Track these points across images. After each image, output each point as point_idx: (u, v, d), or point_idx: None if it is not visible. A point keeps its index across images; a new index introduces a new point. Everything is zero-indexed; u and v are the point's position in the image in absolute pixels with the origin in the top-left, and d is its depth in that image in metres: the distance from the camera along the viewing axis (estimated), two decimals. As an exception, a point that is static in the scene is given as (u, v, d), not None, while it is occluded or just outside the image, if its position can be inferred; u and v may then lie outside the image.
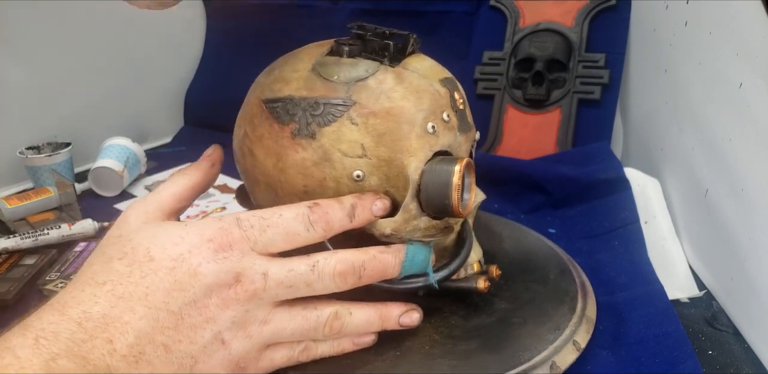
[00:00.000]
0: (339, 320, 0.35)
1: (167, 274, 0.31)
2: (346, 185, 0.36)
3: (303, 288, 0.34)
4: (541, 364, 0.37)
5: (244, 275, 0.32)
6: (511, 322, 0.42)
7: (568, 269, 0.49)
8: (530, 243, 0.54)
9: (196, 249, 0.32)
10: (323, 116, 0.36)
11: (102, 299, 0.30)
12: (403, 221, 0.37)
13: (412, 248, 0.37)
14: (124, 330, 0.29)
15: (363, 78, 0.37)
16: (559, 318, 0.42)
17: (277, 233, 0.33)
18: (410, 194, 0.36)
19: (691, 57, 0.57)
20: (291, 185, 0.37)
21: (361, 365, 0.37)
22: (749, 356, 0.43)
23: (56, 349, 0.27)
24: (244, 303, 0.32)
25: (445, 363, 0.37)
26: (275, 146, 0.37)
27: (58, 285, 0.50)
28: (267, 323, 0.33)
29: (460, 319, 0.42)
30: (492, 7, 0.86)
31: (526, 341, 0.39)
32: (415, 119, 0.36)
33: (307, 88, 0.37)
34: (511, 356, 0.37)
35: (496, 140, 0.82)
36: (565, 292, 0.45)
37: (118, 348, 0.29)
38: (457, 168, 0.36)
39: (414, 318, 0.38)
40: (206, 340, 0.32)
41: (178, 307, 0.31)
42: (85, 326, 0.29)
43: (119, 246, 0.33)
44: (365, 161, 0.36)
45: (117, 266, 0.32)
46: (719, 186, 0.50)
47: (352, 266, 0.34)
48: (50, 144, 0.83)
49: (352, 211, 0.35)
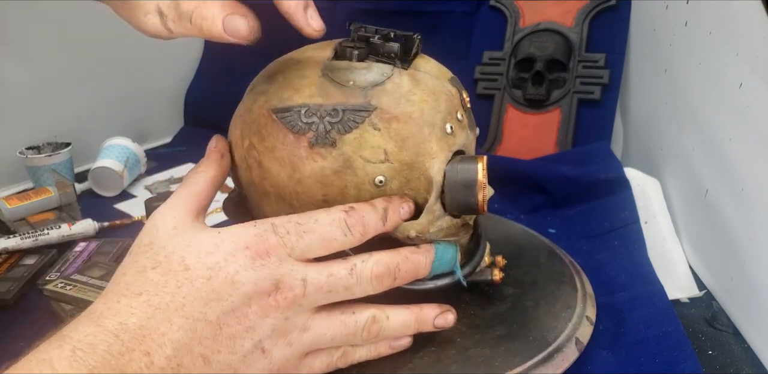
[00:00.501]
0: (377, 324, 0.35)
1: (204, 283, 0.31)
2: (367, 191, 0.36)
3: (342, 292, 0.33)
4: (566, 342, 0.39)
5: (282, 282, 0.32)
6: (525, 306, 0.44)
7: (554, 251, 0.52)
8: (509, 229, 0.57)
9: (232, 257, 0.31)
10: (343, 123, 0.35)
11: (138, 310, 0.29)
12: (427, 223, 0.37)
13: (440, 248, 0.37)
14: (162, 342, 0.29)
15: (380, 82, 0.36)
16: (566, 296, 0.45)
17: (315, 239, 0.33)
18: (434, 196, 0.37)
19: (691, 57, 0.57)
20: (309, 196, 0.36)
21: (401, 365, 0.38)
22: (749, 356, 0.43)
23: (93, 362, 0.27)
24: (284, 311, 0.32)
25: (479, 353, 0.38)
26: (290, 157, 0.35)
27: (58, 285, 0.50)
28: (307, 330, 0.33)
29: (477, 309, 0.44)
30: (492, 7, 0.86)
31: (546, 322, 0.42)
32: (435, 120, 0.36)
33: (322, 95, 0.35)
34: (538, 338, 0.40)
35: (496, 140, 0.82)
36: (561, 273, 0.48)
37: (156, 361, 0.28)
38: (480, 166, 0.37)
39: (449, 320, 0.38)
40: (246, 350, 0.31)
41: (216, 317, 0.30)
42: (122, 338, 0.28)
43: (152, 255, 0.32)
44: (387, 165, 0.35)
45: (151, 276, 0.31)
46: (719, 186, 0.50)
47: (388, 268, 0.34)
48: (50, 144, 0.83)
49: (384, 214, 0.35)
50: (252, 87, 0.39)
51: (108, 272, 0.53)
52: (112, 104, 0.95)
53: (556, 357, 0.38)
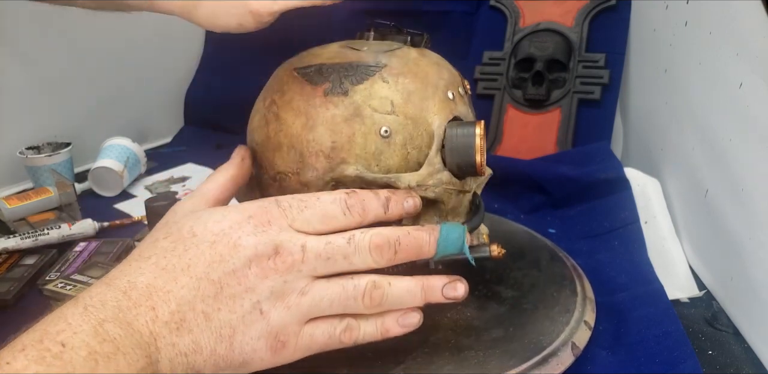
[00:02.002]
0: (379, 289, 0.34)
1: (209, 247, 0.33)
2: (373, 141, 0.38)
3: (341, 261, 0.34)
4: (562, 346, 0.39)
5: (282, 246, 0.33)
6: (523, 308, 0.44)
7: (556, 254, 0.52)
8: (511, 231, 0.57)
9: (237, 225, 0.34)
10: (356, 75, 0.38)
11: (147, 270, 0.32)
12: (427, 174, 0.38)
13: (446, 227, 0.37)
14: (167, 298, 0.31)
15: (391, 49, 0.41)
16: (565, 300, 0.44)
17: (315, 214, 0.35)
18: (435, 149, 0.39)
19: (691, 57, 0.57)
20: (318, 143, 0.38)
21: (394, 365, 0.37)
22: (749, 356, 0.43)
23: (103, 315, 0.29)
24: (282, 274, 0.33)
25: (473, 355, 0.38)
26: (305, 106, 0.38)
27: (58, 285, 0.50)
28: (305, 294, 0.33)
29: (474, 310, 0.44)
30: (492, 7, 0.86)
31: (543, 325, 0.41)
32: (438, 84, 0.40)
33: (340, 57, 0.40)
34: (534, 341, 0.39)
35: (496, 140, 0.82)
36: (562, 276, 0.48)
37: (160, 315, 0.30)
38: (478, 130, 0.39)
39: (459, 289, 0.37)
40: (245, 309, 0.32)
41: (218, 277, 0.32)
42: (130, 294, 0.30)
43: (165, 229, 0.35)
44: (393, 117, 0.38)
45: (162, 244, 0.34)
46: (719, 186, 0.50)
47: (388, 240, 0.35)
48: (50, 144, 0.83)
49: (386, 202, 0.36)
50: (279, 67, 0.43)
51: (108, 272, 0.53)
52: (112, 104, 0.95)
53: (551, 361, 0.38)
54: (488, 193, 0.47)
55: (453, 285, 0.37)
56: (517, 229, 0.57)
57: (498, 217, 0.60)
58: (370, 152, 0.38)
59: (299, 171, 0.39)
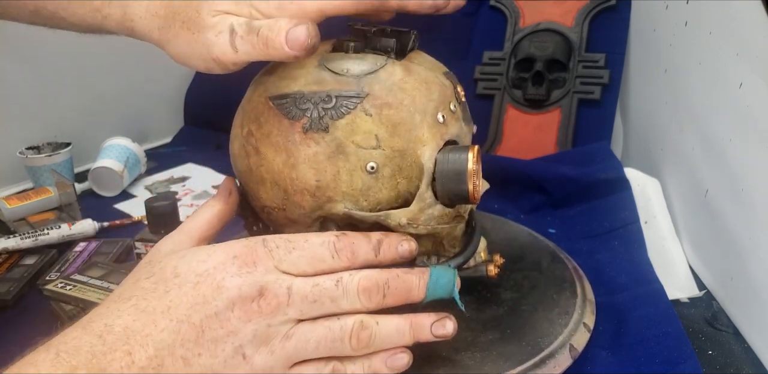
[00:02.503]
0: (366, 330, 0.33)
1: (191, 288, 0.32)
2: (360, 177, 0.36)
3: (328, 304, 0.33)
4: (560, 348, 0.39)
5: (267, 289, 0.32)
6: (521, 310, 0.44)
7: (557, 255, 0.52)
8: (512, 232, 0.56)
9: (221, 265, 0.32)
10: (336, 109, 0.36)
11: (125, 313, 0.31)
12: (418, 210, 0.37)
13: (435, 271, 0.36)
14: (145, 342, 0.29)
15: (373, 71, 0.37)
16: (564, 302, 0.44)
17: (302, 256, 0.33)
18: (425, 183, 0.37)
19: (691, 57, 0.57)
20: (302, 181, 0.36)
21: None
22: (749, 356, 0.43)
23: (75, 362, 0.27)
24: (266, 317, 0.32)
25: (470, 356, 0.38)
26: (285, 142, 0.36)
27: (58, 285, 0.50)
28: (290, 337, 0.32)
29: (473, 312, 0.43)
30: (492, 7, 0.86)
31: (542, 327, 0.41)
32: (427, 108, 0.37)
33: (317, 82, 0.36)
34: (531, 343, 0.39)
35: (496, 140, 0.82)
36: (562, 277, 0.48)
37: (137, 360, 0.29)
38: (470, 155, 0.36)
39: (448, 327, 0.36)
40: (227, 354, 0.31)
41: (199, 320, 0.31)
42: (105, 338, 0.29)
43: (148, 268, 0.34)
44: (379, 152, 0.36)
45: (143, 284, 0.32)
46: (719, 186, 0.50)
47: (377, 283, 0.34)
48: (50, 144, 0.83)
49: (378, 245, 0.35)
50: (254, 80, 0.41)
51: (108, 272, 0.53)
52: (112, 104, 0.95)
53: (548, 363, 0.38)
54: (488, 193, 0.47)
55: (442, 322, 0.36)
56: (518, 230, 0.57)
57: (498, 217, 0.60)
58: (357, 188, 0.36)
59: (285, 208, 0.38)
